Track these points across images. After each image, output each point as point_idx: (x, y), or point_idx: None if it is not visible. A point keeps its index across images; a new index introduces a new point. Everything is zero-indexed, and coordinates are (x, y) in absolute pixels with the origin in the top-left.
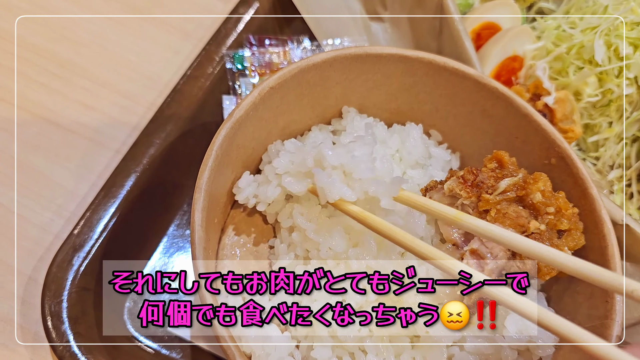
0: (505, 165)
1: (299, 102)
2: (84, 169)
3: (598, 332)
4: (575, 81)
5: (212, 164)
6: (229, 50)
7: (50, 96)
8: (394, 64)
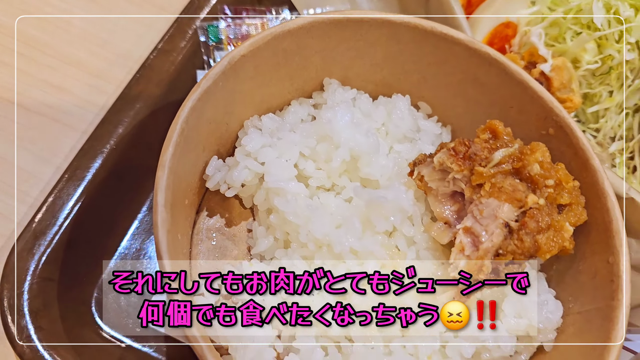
0: (499, 136)
1: (275, 74)
2: (48, 152)
3: (604, 315)
4: (573, 47)
5: (176, 139)
6: (203, 22)
7: (13, 76)
8: (378, 29)
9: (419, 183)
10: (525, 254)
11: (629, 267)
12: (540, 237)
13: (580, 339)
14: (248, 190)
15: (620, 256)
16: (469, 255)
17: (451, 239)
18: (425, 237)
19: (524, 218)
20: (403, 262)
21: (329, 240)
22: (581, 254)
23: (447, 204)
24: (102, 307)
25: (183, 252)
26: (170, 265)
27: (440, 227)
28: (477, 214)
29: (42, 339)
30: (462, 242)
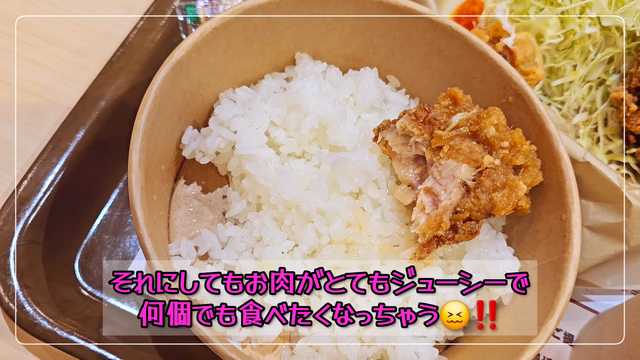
0: (459, 102)
1: (248, 47)
2: (33, 126)
3: (556, 267)
4: (536, 22)
5: (150, 104)
6: (182, 2)
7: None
8: (344, 5)
9: (384, 148)
10: (482, 211)
11: (579, 223)
12: (496, 195)
13: (535, 292)
14: (222, 158)
15: (572, 213)
16: (429, 213)
17: (414, 199)
18: (389, 199)
19: (480, 177)
20: (368, 221)
21: (298, 201)
22: (538, 213)
23: (410, 167)
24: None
25: (159, 213)
26: (143, 218)
27: (404, 189)
28: (437, 174)
29: (28, 296)
30: (422, 201)
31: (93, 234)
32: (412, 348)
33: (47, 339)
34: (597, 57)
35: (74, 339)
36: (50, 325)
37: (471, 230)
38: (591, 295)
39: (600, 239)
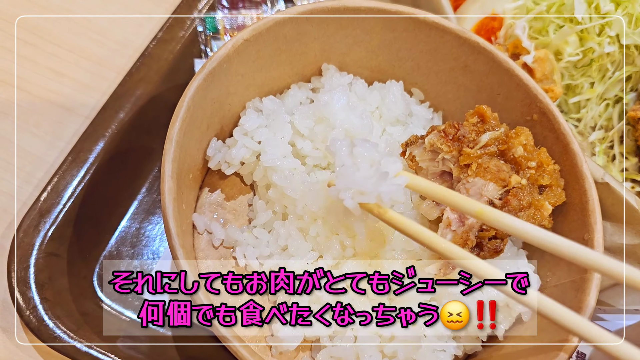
0: (487, 120)
1: (276, 58)
2: (52, 136)
3: (577, 287)
4: (555, 40)
5: (183, 115)
6: (201, 13)
7: (18, 63)
8: (373, 18)
9: (410, 163)
10: None
11: (601, 243)
12: (522, 214)
13: None
14: (247, 168)
15: (595, 233)
16: (455, 230)
17: (439, 215)
18: (414, 213)
19: (507, 196)
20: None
21: (324, 213)
22: (559, 232)
23: (436, 183)
24: (103, 282)
25: (187, 222)
26: (175, 228)
27: (429, 204)
28: (464, 191)
29: (48, 309)
30: (449, 217)
31: (112, 246)
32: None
33: (67, 353)
34: (614, 76)
35: (93, 353)
36: (70, 339)
37: (496, 248)
38: (604, 314)
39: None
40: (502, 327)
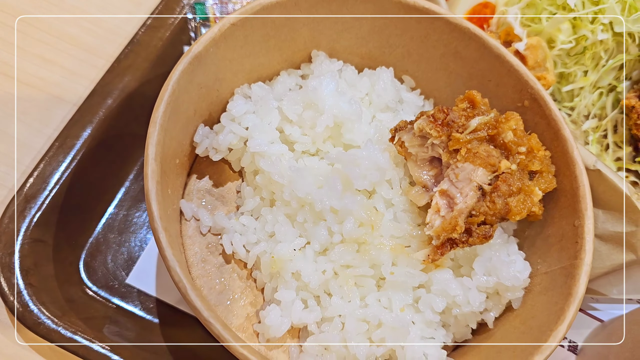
0: (477, 105)
1: (265, 44)
2: (40, 123)
3: (567, 273)
4: (548, 27)
5: (168, 98)
6: (191, 1)
7: (6, 50)
8: (363, 4)
9: (399, 148)
10: (497, 216)
11: (592, 229)
12: (511, 199)
13: (545, 297)
14: (235, 154)
15: (585, 219)
16: (444, 215)
17: (428, 201)
18: (403, 199)
19: (496, 182)
20: (380, 221)
21: (311, 199)
22: (550, 219)
23: (425, 169)
24: (90, 268)
25: (172, 207)
26: (158, 211)
27: (418, 190)
28: (453, 177)
29: (32, 295)
30: (438, 203)
31: (98, 232)
32: (421, 349)
33: (51, 338)
34: (608, 64)
35: (77, 339)
36: (54, 325)
37: (485, 234)
38: (597, 303)
39: (608, 248)
40: (492, 314)
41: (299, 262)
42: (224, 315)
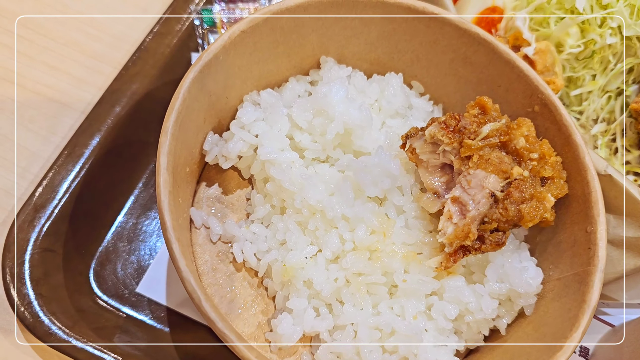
0: (488, 111)
1: (273, 50)
2: (48, 131)
3: (580, 280)
4: (556, 32)
5: (179, 107)
6: (198, 7)
7: (13, 57)
8: (372, 9)
9: (411, 155)
10: (510, 222)
11: (605, 235)
12: (524, 206)
13: (558, 303)
14: (245, 162)
15: (598, 225)
16: (456, 222)
17: (439, 208)
18: (414, 206)
19: (509, 188)
20: (392, 228)
21: (322, 206)
22: (562, 224)
23: (436, 175)
24: (100, 278)
25: (184, 215)
26: (171, 222)
27: (430, 197)
28: (465, 184)
29: (43, 305)
30: (450, 210)
31: (108, 241)
32: (434, 355)
33: (62, 349)
34: (617, 67)
35: (89, 350)
36: (65, 335)
37: (498, 241)
38: (608, 308)
39: (620, 253)
40: (504, 321)
41: (311, 270)
42: (235, 324)
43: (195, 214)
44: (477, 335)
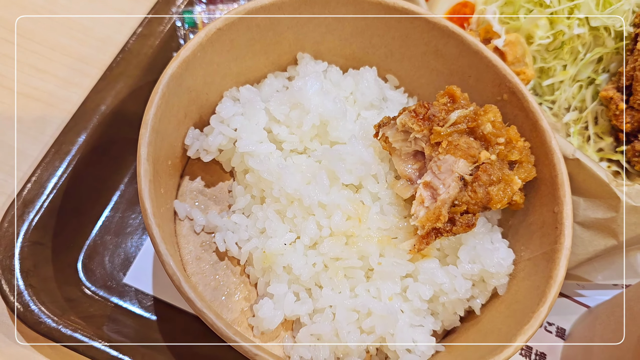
0: (457, 100)
1: (251, 47)
2: (36, 131)
3: (548, 258)
4: (525, 24)
5: (158, 101)
6: (179, 8)
7: (0, 61)
8: (344, 6)
9: (384, 144)
10: (479, 204)
11: (571, 214)
12: (492, 188)
13: (529, 282)
14: (225, 155)
15: (564, 205)
16: (428, 206)
17: (412, 194)
18: (389, 193)
19: (477, 172)
20: (367, 214)
21: (299, 194)
22: (532, 207)
23: (409, 162)
24: (88, 269)
25: (166, 206)
26: (151, 208)
27: (403, 183)
28: (436, 169)
29: (33, 295)
30: (422, 194)
31: (95, 234)
32: (410, 335)
33: (52, 337)
34: (586, 57)
35: (78, 337)
36: (54, 324)
37: (468, 222)
38: (583, 290)
39: (590, 234)
40: (479, 301)
41: (290, 256)
42: (219, 310)
43: (179, 206)
44: (453, 316)
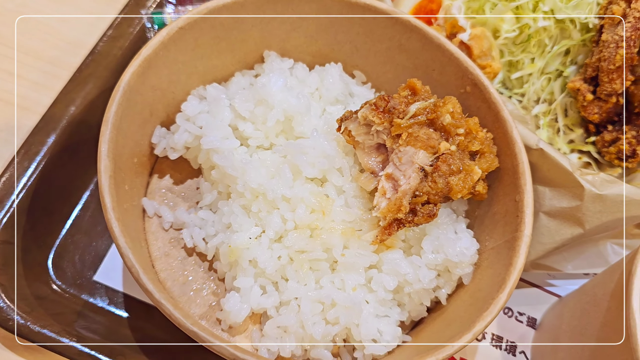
0: (418, 92)
1: (216, 46)
2: (8, 133)
3: (509, 246)
4: (491, 18)
5: (119, 98)
6: (149, 10)
7: None
8: (307, 3)
9: (347, 138)
10: (439, 195)
11: (531, 203)
12: (452, 179)
13: (491, 270)
14: (192, 152)
15: (524, 194)
16: (389, 197)
17: (376, 186)
18: (353, 186)
19: (437, 162)
20: (331, 207)
21: (263, 189)
22: (496, 197)
23: (372, 155)
24: (58, 268)
25: (132, 203)
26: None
27: (367, 176)
28: (397, 161)
29: (2, 293)
30: (383, 186)
31: (65, 233)
32: (375, 326)
33: (21, 333)
34: (553, 50)
35: (46, 333)
36: (23, 320)
37: (429, 212)
38: (554, 280)
39: (557, 224)
40: (444, 291)
41: (255, 250)
42: (187, 305)
43: (148, 203)
44: (420, 307)
